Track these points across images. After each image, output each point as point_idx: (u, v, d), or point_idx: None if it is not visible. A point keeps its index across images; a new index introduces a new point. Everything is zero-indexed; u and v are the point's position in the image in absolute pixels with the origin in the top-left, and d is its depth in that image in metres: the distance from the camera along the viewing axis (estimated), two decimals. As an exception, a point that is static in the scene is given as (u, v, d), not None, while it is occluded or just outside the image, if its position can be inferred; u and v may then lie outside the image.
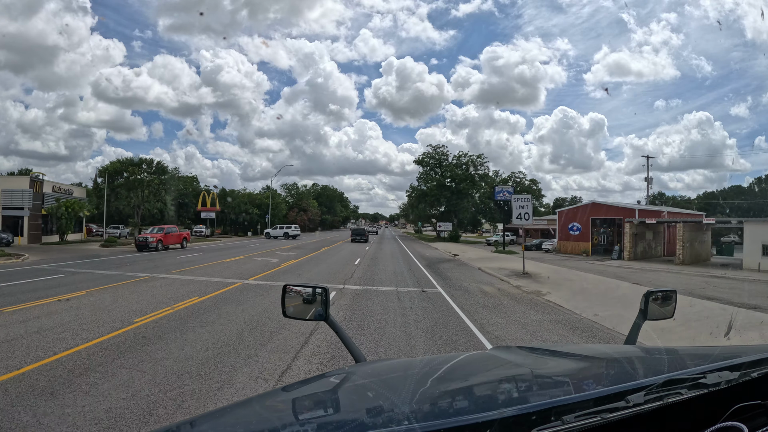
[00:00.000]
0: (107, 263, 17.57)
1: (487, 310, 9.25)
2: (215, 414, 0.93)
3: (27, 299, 8.86)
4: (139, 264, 17.33)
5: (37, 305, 8.26)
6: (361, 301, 9.81)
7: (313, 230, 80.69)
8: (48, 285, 11.08)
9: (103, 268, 15.64)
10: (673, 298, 1.83)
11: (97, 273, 14.01)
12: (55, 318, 7.26)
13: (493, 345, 6.14)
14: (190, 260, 19.34)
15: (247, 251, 26.54)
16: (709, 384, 0.93)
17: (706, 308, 9.33)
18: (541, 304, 10.50)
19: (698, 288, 13.63)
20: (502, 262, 23.53)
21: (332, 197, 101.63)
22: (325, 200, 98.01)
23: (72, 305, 8.35)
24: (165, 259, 19.65)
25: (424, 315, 8.45)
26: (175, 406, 3.87)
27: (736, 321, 7.74)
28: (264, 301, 9.33)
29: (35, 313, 7.61)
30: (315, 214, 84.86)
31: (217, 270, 15.46)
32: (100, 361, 5.08)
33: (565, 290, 12.78)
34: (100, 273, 14.01)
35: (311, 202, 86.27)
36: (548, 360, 1.37)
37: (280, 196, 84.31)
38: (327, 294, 1.73)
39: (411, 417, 0.81)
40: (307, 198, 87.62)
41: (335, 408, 1.03)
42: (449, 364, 1.31)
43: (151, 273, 14.04)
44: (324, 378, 1.28)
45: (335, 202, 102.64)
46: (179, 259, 20.15)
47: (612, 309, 9.53)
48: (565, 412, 0.79)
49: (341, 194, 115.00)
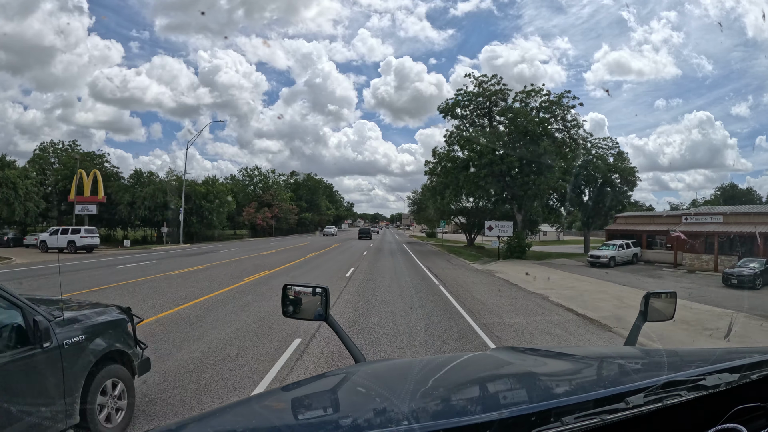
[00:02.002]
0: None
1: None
2: (215, 413, 0.95)
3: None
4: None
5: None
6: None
7: (271, 234, 55.54)
8: None
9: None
10: (674, 300, 1.82)
11: None
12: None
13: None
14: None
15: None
16: (708, 386, 0.92)
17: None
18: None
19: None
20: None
21: (315, 190, 75.74)
22: (306, 193, 72.48)
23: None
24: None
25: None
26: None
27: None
28: None
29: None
30: (289, 211, 59.43)
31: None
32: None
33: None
34: None
35: (281, 193, 60.75)
36: (548, 361, 1.38)
37: (239, 183, 59.83)
38: (327, 294, 1.70)
39: (410, 417, 0.81)
40: (278, 189, 62.57)
41: (335, 408, 1.03)
42: (449, 364, 1.33)
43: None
44: (324, 378, 1.31)
45: (319, 196, 76.73)
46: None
47: None
48: (564, 413, 0.79)
49: (329, 186, 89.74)
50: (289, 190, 70.37)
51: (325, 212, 78.52)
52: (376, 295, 11.20)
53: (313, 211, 72.58)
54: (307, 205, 70.68)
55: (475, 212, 43.43)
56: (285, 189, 69.42)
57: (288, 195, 63.07)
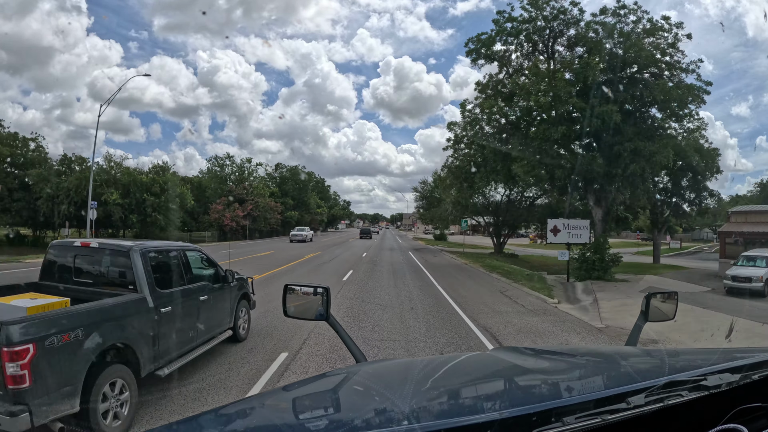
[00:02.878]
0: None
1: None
2: (216, 412, 0.92)
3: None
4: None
5: None
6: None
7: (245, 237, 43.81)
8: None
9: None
10: (675, 299, 1.81)
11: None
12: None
13: None
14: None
15: None
16: (710, 386, 0.91)
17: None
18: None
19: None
20: None
21: (303, 185, 63.92)
22: (292, 189, 60.82)
23: None
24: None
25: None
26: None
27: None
28: None
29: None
30: (269, 209, 47.65)
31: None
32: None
33: None
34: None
35: (258, 187, 49.38)
36: (549, 361, 1.39)
37: (215, 175, 49.55)
38: (328, 294, 1.70)
39: (411, 417, 0.80)
40: (258, 183, 51.53)
41: (335, 407, 1.02)
42: (450, 364, 1.35)
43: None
44: (324, 378, 1.31)
45: (308, 193, 64.86)
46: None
47: None
48: (565, 413, 0.78)
49: (320, 181, 78.04)
50: (274, 184, 59.34)
51: (315, 211, 66.86)
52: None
53: (301, 210, 60.94)
54: (294, 203, 59.02)
55: (508, 208, 32.27)
56: (269, 183, 58.52)
57: (267, 190, 51.68)
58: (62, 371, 3.20)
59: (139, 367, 3.94)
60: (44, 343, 3.08)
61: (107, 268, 4.56)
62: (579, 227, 17.35)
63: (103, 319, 3.62)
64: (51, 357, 3.12)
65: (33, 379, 2.97)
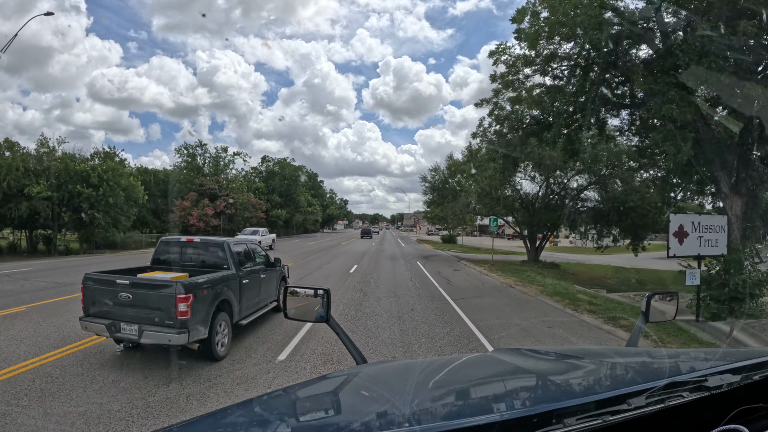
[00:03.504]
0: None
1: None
2: (216, 414, 0.93)
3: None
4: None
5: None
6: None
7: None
8: None
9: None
10: (676, 300, 1.80)
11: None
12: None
13: None
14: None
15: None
16: (710, 387, 0.91)
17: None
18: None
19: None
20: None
21: (292, 181, 62.34)
22: (280, 185, 59.56)
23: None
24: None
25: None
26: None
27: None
28: None
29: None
30: (250, 206, 43.71)
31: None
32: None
33: None
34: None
35: (234, 180, 47.06)
36: (549, 363, 1.38)
37: (191, 166, 47.86)
38: (329, 296, 1.72)
39: (412, 419, 0.81)
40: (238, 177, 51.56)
41: (336, 410, 1.02)
42: (450, 366, 1.33)
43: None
44: (325, 379, 1.36)
45: (297, 188, 63.41)
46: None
47: None
48: (566, 414, 0.78)
49: (312, 176, 77.64)
50: (260, 179, 58.14)
51: (305, 209, 66.00)
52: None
53: (290, 208, 59.88)
54: (282, 200, 58.03)
55: (547, 203, 24.87)
56: (254, 177, 57.66)
57: (246, 185, 49.35)
58: (202, 311, 5.37)
59: (232, 317, 6.13)
60: (195, 294, 5.25)
61: (207, 254, 6.81)
62: (713, 228, 9.85)
63: (218, 283, 5.82)
64: (197, 303, 5.28)
65: (191, 314, 5.15)
